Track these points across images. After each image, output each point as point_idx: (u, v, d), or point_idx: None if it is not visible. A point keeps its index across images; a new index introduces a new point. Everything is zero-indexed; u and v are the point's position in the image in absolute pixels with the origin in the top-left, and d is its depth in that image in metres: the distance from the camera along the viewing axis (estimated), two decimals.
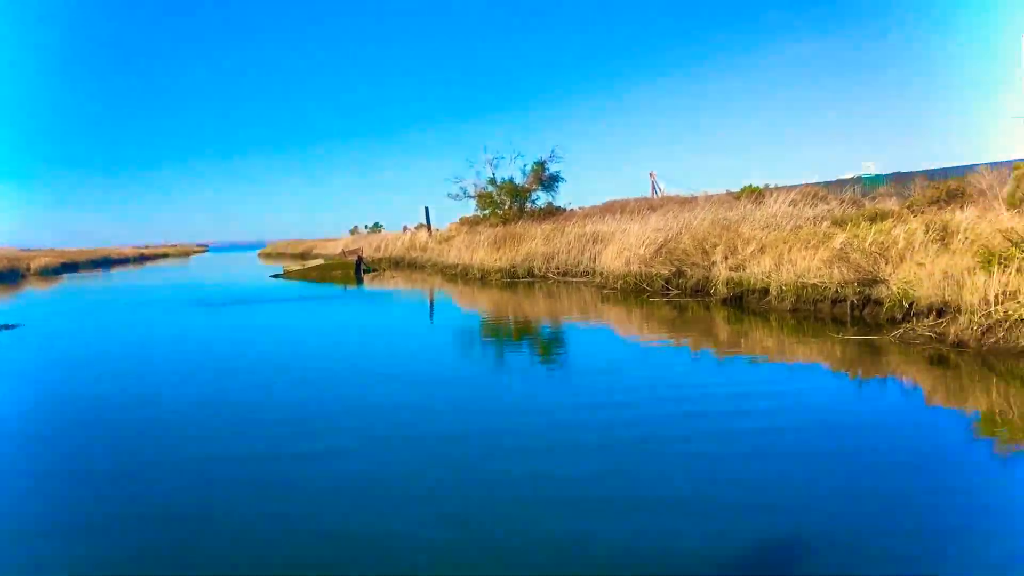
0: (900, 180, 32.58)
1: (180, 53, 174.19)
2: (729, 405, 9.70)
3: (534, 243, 34.20)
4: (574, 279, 30.03)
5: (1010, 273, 12.06)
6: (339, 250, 61.21)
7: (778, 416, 9.13)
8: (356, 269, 44.09)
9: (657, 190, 57.44)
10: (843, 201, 28.23)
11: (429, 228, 56.56)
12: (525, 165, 47.13)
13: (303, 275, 44.08)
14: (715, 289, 20.37)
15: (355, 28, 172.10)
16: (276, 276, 44.88)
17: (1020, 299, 11.64)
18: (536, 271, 32.69)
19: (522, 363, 14.31)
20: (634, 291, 24.08)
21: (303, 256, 78.09)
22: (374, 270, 47.21)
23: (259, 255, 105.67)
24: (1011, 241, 12.55)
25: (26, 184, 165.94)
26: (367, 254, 54.79)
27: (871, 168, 43.03)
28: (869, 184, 34.69)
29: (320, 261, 49.63)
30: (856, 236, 17.41)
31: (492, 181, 47.30)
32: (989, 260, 12.45)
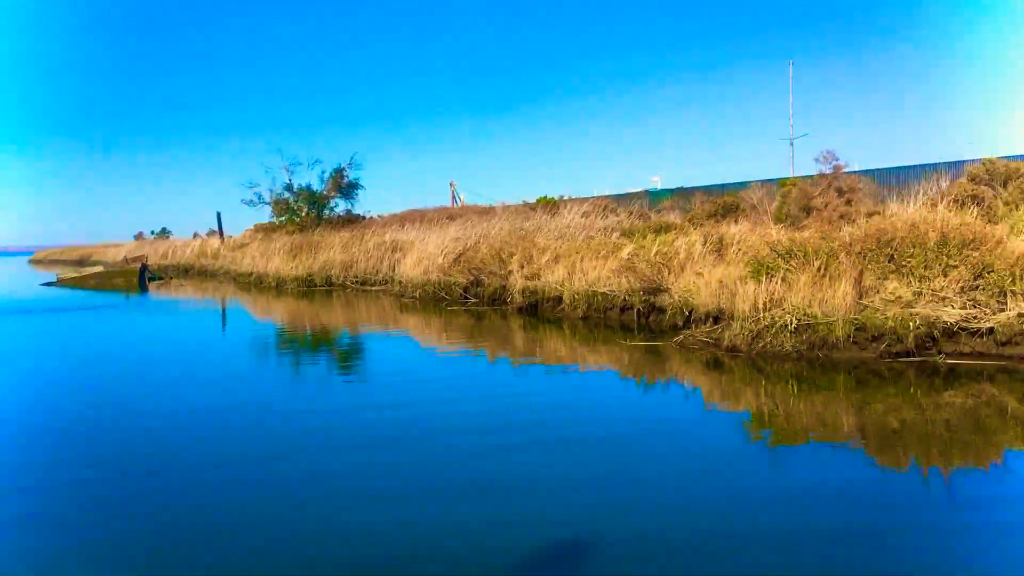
0: (683, 195, 34.42)
1: None
2: (523, 410, 9.88)
3: (332, 251, 33.62)
4: (373, 288, 29.72)
5: (776, 282, 13.08)
6: (121, 256, 57.36)
7: (571, 424, 9.40)
8: (140, 277, 41.57)
9: (457, 200, 58.00)
10: (631, 213, 29.64)
11: (221, 235, 54.29)
12: (324, 172, 46.33)
13: (80, 282, 40.96)
14: (511, 297, 20.77)
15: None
16: (49, 284, 41.48)
17: (784, 306, 12.64)
18: (334, 279, 32.13)
19: (318, 371, 13.91)
20: (433, 300, 24.15)
21: (80, 263, 72.51)
22: (160, 278, 44.69)
23: (30, 261, 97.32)
24: (777, 252, 13.61)
25: None
26: (153, 261, 51.83)
27: (657, 183, 45.28)
28: (655, 198, 36.43)
29: (100, 268, 46.31)
30: (642, 247, 18.32)
31: (289, 187, 46.09)
32: (758, 270, 13.44)
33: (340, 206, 46.42)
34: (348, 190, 46.23)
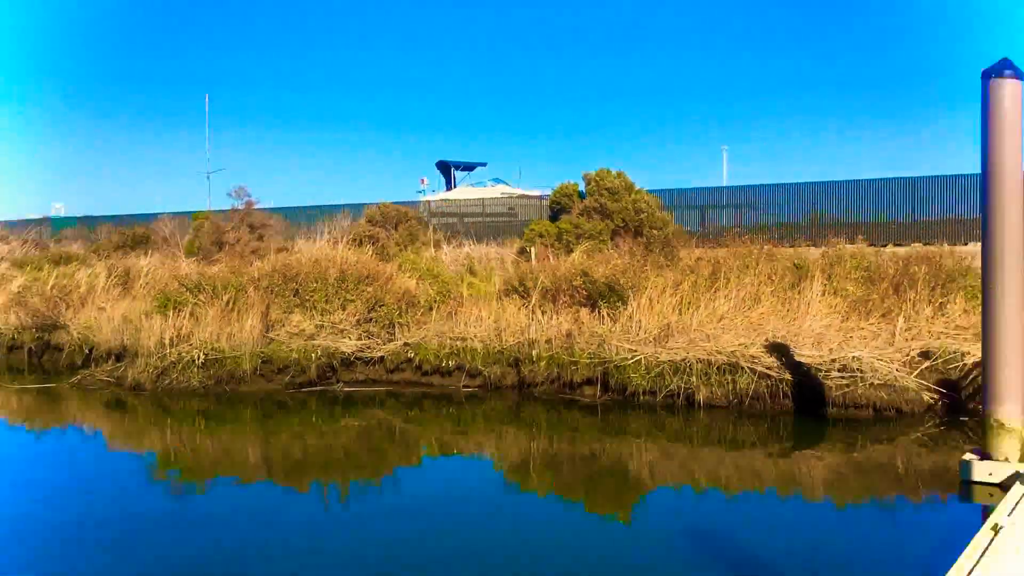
0: (89, 224, 32.28)
1: None
2: None
3: None
4: None
5: (184, 317, 12.81)
6: None
7: None
8: None
9: None
10: (26, 242, 26.72)
11: None
12: None
13: None
14: None
15: None
16: None
17: (192, 341, 12.43)
18: None
19: None
20: None
21: None
22: None
23: None
24: (186, 287, 13.36)
25: None
26: None
27: (61, 210, 41.51)
28: (58, 226, 33.63)
29: None
30: (37, 279, 16.70)
31: None
32: (165, 304, 13.02)
33: None
34: None
